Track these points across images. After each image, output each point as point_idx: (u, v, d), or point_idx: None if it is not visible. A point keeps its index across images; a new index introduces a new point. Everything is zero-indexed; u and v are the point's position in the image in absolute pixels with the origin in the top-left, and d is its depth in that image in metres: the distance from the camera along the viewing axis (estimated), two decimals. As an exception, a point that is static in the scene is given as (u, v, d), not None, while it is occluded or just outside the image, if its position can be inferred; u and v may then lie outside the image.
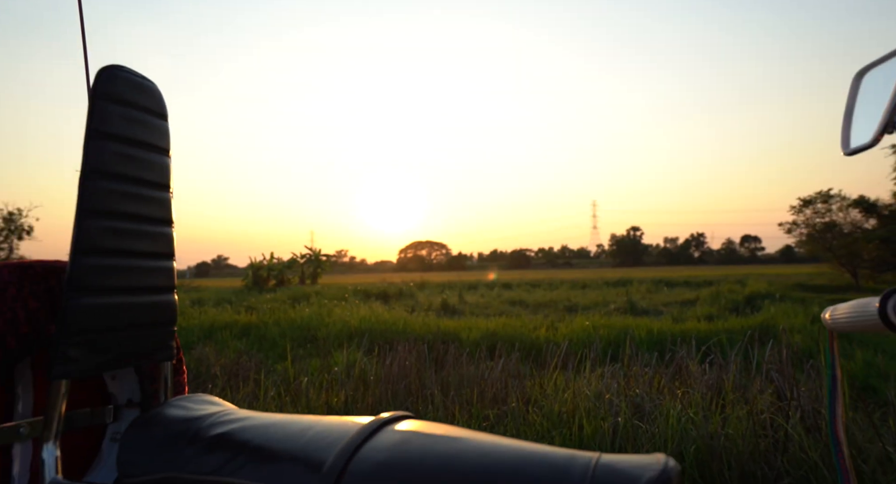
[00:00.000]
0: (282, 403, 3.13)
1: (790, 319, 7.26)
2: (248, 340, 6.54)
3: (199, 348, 5.90)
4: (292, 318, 7.82)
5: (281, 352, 6.02)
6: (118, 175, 0.86)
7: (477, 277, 27.86)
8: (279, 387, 3.49)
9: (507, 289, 17.94)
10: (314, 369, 4.53)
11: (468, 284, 19.27)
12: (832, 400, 0.79)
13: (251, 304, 10.99)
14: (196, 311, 9.32)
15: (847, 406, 2.26)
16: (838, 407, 0.79)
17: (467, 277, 27.27)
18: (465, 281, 21.47)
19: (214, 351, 5.70)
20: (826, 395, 1.38)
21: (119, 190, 0.87)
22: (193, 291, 19.45)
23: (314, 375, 3.88)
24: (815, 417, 2.38)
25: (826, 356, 0.99)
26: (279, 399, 3.18)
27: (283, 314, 8.22)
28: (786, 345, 3.05)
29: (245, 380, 4.11)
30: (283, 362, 5.01)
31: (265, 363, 5.10)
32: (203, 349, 5.80)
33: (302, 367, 4.78)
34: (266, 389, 3.40)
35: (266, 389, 3.38)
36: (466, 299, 13.13)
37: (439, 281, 22.50)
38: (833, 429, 0.78)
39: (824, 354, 1.42)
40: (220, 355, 5.42)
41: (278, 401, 3.16)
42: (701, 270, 45.99)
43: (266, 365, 5.01)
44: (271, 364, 5.18)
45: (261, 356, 5.44)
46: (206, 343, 6.32)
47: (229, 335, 6.86)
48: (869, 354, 5.41)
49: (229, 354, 5.49)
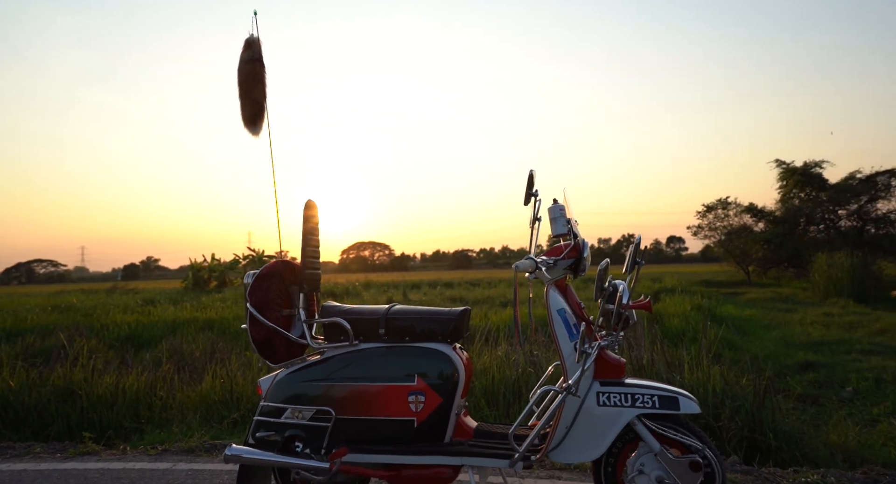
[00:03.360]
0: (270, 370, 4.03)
1: (677, 307, 8.77)
2: (212, 334, 7.20)
3: (169, 340, 6.55)
4: (250, 314, 8.50)
5: (244, 343, 6.75)
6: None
7: (420, 277, 28.84)
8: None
9: (448, 288, 19.03)
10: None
11: (412, 284, 20.20)
12: (514, 304, 1.90)
13: (203, 303, 11.43)
14: (155, 308, 9.75)
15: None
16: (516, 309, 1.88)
17: (411, 277, 28.19)
18: (408, 281, 22.37)
19: (186, 342, 6.38)
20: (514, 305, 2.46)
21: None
22: (130, 293, 19.17)
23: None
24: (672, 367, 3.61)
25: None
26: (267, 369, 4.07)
27: (241, 310, 8.87)
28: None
29: (222, 361, 4.90)
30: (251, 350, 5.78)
31: (235, 350, 5.86)
32: (174, 341, 6.46)
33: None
34: (256, 360, 4.27)
35: (256, 361, 4.25)
36: (411, 297, 14.10)
37: (384, 281, 23.28)
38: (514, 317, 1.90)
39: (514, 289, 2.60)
40: (193, 345, 6.12)
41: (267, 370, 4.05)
42: (628, 268, 49.33)
43: (237, 351, 5.78)
44: (241, 351, 5.95)
45: (231, 345, 6.18)
46: (173, 336, 6.95)
47: (193, 330, 7.48)
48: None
49: (201, 343, 6.19)
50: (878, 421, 3.79)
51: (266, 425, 2.05)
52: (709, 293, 13.68)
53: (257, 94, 2.25)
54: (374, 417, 1.97)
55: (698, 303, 9.53)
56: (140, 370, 4.33)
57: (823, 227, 17.42)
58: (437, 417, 1.95)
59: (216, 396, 3.81)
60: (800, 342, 6.85)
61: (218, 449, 3.17)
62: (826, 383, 5.00)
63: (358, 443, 1.98)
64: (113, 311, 9.59)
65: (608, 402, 1.85)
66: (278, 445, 2.02)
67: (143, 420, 3.77)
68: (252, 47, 2.25)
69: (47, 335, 6.84)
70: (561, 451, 1.88)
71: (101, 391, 3.86)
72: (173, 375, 4.30)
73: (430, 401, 1.94)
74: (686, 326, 7.24)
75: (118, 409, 3.78)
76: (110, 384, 3.94)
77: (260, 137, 2.31)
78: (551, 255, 1.97)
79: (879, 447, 3.20)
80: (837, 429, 3.47)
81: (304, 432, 2.01)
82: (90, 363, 4.25)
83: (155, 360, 5.29)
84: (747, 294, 14.53)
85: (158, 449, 3.22)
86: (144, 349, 6.46)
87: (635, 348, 4.24)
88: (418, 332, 2.02)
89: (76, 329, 6.89)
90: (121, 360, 5.20)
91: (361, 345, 2.05)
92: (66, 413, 3.75)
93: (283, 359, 2.12)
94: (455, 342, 2.07)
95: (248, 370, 4.19)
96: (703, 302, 10.01)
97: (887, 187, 16.07)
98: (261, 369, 4.18)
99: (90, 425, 3.66)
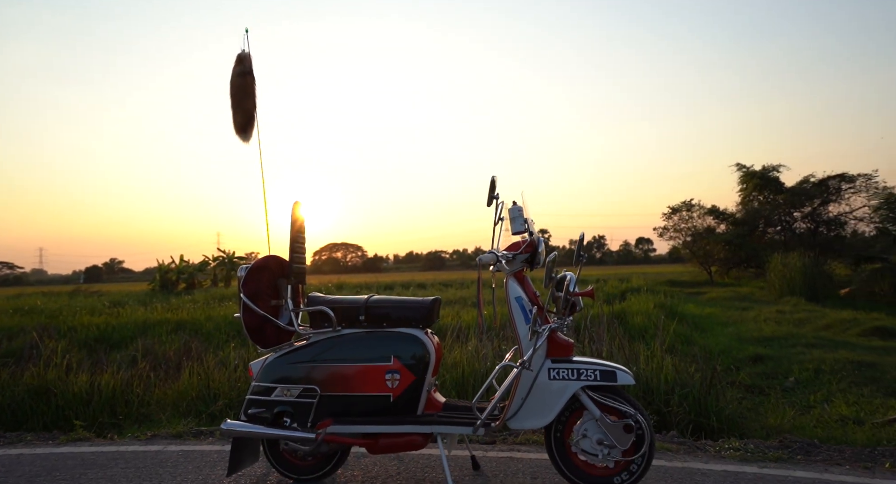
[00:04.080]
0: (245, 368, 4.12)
1: (641, 305, 9.16)
2: (184, 334, 7.19)
3: (141, 340, 6.53)
4: (223, 314, 8.50)
5: (217, 343, 6.77)
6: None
7: (393, 278, 28.91)
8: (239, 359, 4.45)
9: (421, 288, 19.18)
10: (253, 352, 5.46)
11: (385, 285, 20.27)
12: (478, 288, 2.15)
13: (173, 305, 11.31)
14: (124, 310, 9.62)
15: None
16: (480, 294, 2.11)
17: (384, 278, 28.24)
18: (382, 282, 22.44)
19: (159, 342, 6.39)
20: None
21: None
22: (95, 295, 18.69)
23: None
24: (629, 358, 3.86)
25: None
26: (243, 366, 4.17)
27: (213, 312, 8.86)
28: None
29: (199, 359, 4.96)
30: (226, 349, 5.83)
31: (209, 348, 5.91)
32: (146, 341, 6.45)
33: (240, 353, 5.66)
34: (232, 358, 4.36)
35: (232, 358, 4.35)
36: (383, 297, 14.18)
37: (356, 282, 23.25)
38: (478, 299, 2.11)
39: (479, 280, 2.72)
40: (166, 345, 6.13)
41: (242, 368, 4.15)
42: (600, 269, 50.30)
43: (210, 349, 5.82)
44: (214, 350, 5.99)
45: (205, 345, 6.22)
46: (145, 337, 6.92)
47: (165, 331, 7.45)
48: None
49: (174, 343, 6.21)
50: (814, 407, 4.14)
51: (257, 403, 2.26)
52: (672, 292, 14.23)
53: (248, 104, 2.46)
54: (355, 393, 2.21)
55: (661, 302, 9.95)
56: (116, 369, 4.37)
57: (780, 228, 18.25)
58: (410, 393, 2.20)
59: (194, 391, 3.90)
60: (752, 337, 7.27)
61: (205, 434, 3.29)
62: (772, 375, 5.37)
63: (340, 416, 2.21)
64: (79, 312, 9.43)
65: (558, 376, 2.12)
66: (269, 420, 2.24)
67: (120, 416, 3.83)
68: (243, 62, 2.46)
69: (13, 336, 6.74)
70: (517, 419, 2.14)
71: (76, 389, 3.90)
72: (149, 373, 4.36)
73: (404, 379, 2.19)
74: (648, 323, 7.60)
75: (94, 406, 3.83)
76: (85, 383, 3.98)
77: (249, 144, 2.51)
78: (510, 250, 2.25)
79: (811, 429, 3.52)
80: (775, 413, 3.80)
81: (292, 408, 2.23)
82: (63, 362, 4.27)
83: (129, 359, 5.31)
84: (708, 293, 15.15)
85: (148, 434, 3.32)
86: (115, 350, 6.43)
87: (596, 342, 4.51)
88: (394, 318, 2.28)
89: (44, 330, 6.80)
90: (93, 360, 5.19)
91: (344, 330, 2.29)
92: (41, 411, 3.78)
93: (273, 344, 2.34)
94: (427, 328, 2.32)
95: (224, 368, 4.29)
96: (666, 301, 10.46)
97: (838, 191, 16.96)
98: (236, 366, 4.28)
99: (66, 423, 3.70)
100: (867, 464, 2.63)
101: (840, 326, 7.69)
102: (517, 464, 2.60)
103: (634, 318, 7.80)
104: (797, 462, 2.66)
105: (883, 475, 2.49)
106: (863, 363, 5.24)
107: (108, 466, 2.74)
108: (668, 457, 2.70)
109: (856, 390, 4.50)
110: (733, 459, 2.68)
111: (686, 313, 9.61)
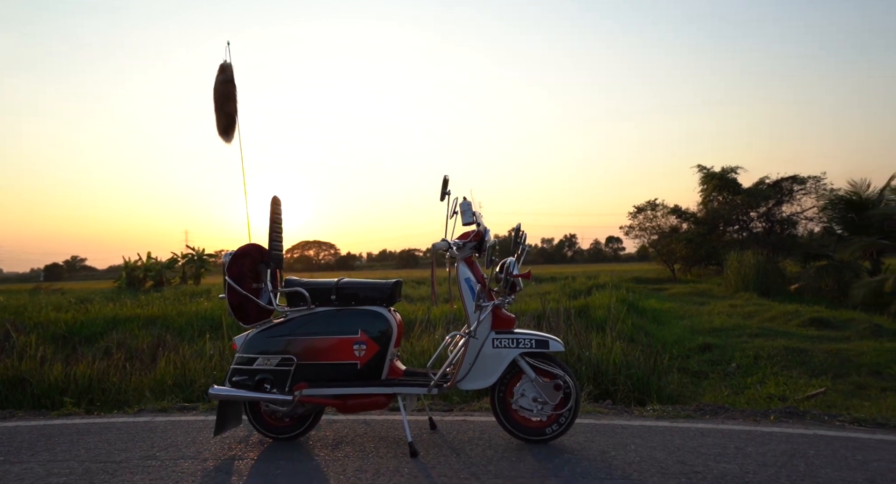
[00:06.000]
0: (222, 359, 4.30)
1: (604, 300, 9.59)
2: (156, 329, 7.24)
3: (111, 334, 6.58)
4: (195, 310, 8.55)
5: (191, 336, 6.86)
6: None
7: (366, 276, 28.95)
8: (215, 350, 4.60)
9: (393, 285, 19.37)
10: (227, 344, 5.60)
11: (357, 282, 20.39)
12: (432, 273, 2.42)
13: (143, 301, 11.22)
14: (93, 306, 9.53)
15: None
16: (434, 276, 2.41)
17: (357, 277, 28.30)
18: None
19: (131, 336, 6.44)
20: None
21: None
22: (57, 293, 18.24)
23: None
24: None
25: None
26: (219, 356, 4.34)
27: (185, 308, 8.88)
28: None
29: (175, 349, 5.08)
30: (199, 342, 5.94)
31: (183, 342, 6.01)
32: (118, 335, 6.51)
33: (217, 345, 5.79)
34: (208, 348, 4.52)
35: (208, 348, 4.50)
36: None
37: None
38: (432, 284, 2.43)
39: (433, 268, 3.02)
40: (138, 339, 6.20)
41: (218, 358, 4.32)
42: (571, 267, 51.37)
43: (185, 342, 5.93)
44: (189, 343, 6.10)
45: (178, 339, 6.31)
46: (115, 332, 6.94)
47: (136, 326, 7.47)
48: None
49: (146, 337, 6.28)
50: (749, 388, 4.56)
51: (241, 372, 2.56)
52: (636, 289, 14.82)
53: (230, 108, 2.70)
54: (327, 361, 2.52)
55: (623, 297, 10.42)
56: (91, 359, 4.47)
57: (738, 228, 19.13)
58: (375, 361, 2.53)
59: (170, 379, 4.05)
60: (703, 329, 7.76)
61: (188, 409, 3.48)
62: (718, 361, 5.82)
63: (314, 381, 2.52)
64: (45, 309, 9.31)
65: (500, 344, 2.48)
66: (251, 386, 2.54)
67: (97, 403, 3.95)
68: (226, 71, 2.72)
69: (-21, 332, 6.66)
70: (466, 381, 2.50)
71: (52, 379, 4.00)
72: (124, 363, 4.48)
73: (370, 349, 2.51)
74: (608, 316, 8.02)
75: (71, 394, 3.94)
76: (61, 372, 4.08)
77: (231, 144, 2.76)
78: (461, 238, 2.60)
79: (742, 405, 3.92)
80: (713, 393, 4.19)
81: (272, 375, 2.53)
82: (37, 354, 4.36)
83: (102, 351, 5.39)
84: (670, 289, 15.83)
85: (135, 409, 3.51)
86: (87, 345, 6.46)
87: (554, 331, 4.83)
88: (362, 298, 2.61)
89: (11, 325, 6.76)
90: (66, 353, 5.26)
91: (317, 309, 2.59)
92: (18, 400, 3.88)
93: (254, 321, 2.63)
94: (390, 306, 2.66)
95: (200, 358, 4.44)
96: (628, 296, 10.96)
97: (790, 192, 17.90)
98: (212, 356, 4.45)
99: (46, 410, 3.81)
100: (757, 419, 3.03)
101: (783, 317, 8.27)
102: (469, 425, 2.93)
103: (596, 311, 8.20)
104: (703, 419, 3.05)
105: (766, 425, 2.91)
106: (796, 350, 5.73)
107: (102, 433, 2.96)
108: (598, 417, 3.10)
109: (786, 373, 4.95)
110: (651, 417, 3.07)
111: (647, 308, 10.13)
